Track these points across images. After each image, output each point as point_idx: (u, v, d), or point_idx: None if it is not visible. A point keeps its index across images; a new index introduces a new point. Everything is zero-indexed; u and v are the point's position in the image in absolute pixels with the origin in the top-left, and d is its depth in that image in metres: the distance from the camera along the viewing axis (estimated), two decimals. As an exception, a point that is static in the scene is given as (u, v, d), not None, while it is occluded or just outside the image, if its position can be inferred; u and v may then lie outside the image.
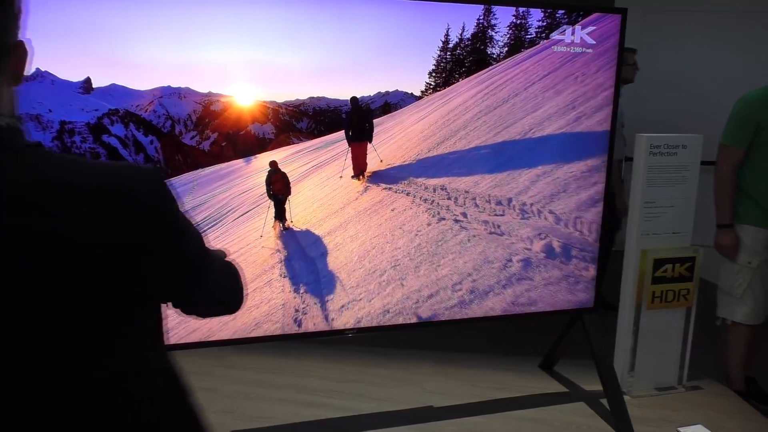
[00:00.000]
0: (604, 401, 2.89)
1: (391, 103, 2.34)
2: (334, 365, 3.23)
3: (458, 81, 2.37)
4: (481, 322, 2.60)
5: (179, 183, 2.24)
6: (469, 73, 2.37)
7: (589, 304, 2.79)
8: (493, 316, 2.61)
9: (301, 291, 2.38)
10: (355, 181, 2.43)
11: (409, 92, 2.36)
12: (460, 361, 3.31)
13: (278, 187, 2.34)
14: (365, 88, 2.32)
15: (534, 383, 3.07)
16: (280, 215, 2.36)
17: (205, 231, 2.29)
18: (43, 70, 2.00)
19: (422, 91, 2.35)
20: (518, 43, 2.39)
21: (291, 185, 2.36)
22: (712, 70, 5.86)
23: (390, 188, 2.45)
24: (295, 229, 2.37)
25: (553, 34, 2.47)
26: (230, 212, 2.35)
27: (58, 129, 2.08)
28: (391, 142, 2.45)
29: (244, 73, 2.20)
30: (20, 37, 1.04)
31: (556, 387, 3.04)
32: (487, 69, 2.40)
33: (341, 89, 2.30)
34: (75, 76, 2.05)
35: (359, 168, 2.43)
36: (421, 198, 2.48)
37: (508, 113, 2.48)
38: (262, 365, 3.20)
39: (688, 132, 2.85)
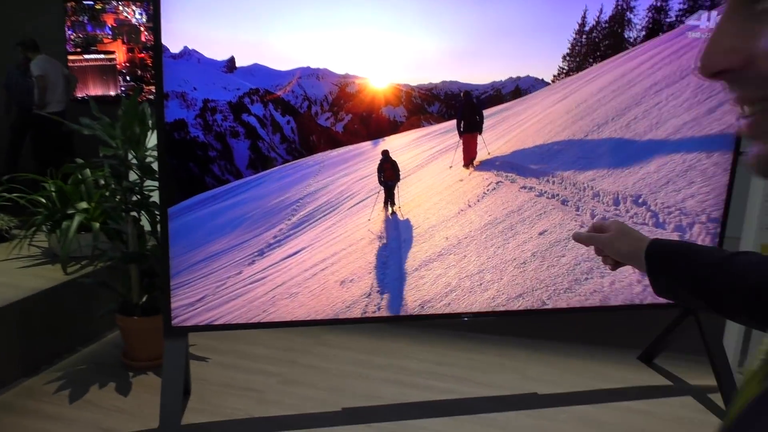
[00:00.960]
0: (713, 396, 2.85)
1: (521, 88, 2.31)
2: (430, 348, 3.25)
3: (591, 66, 2.32)
4: (577, 313, 2.58)
5: (306, 165, 2.27)
6: (603, 57, 2.32)
7: (704, 298, 2.73)
8: (609, 305, 2.58)
9: (409, 274, 2.39)
10: (465, 169, 2.43)
11: (540, 78, 2.32)
12: (557, 349, 3.29)
13: (389, 174, 2.35)
14: (497, 73, 2.29)
15: (636, 375, 3.03)
16: (390, 200, 2.38)
17: (321, 218, 2.33)
18: (190, 48, 2.04)
19: (554, 76, 2.31)
20: (656, 26, 2.33)
21: (411, 171, 2.37)
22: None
23: (503, 178, 2.43)
24: (400, 217, 2.38)
25: (688, 19, 2.39)
26: (348, 198, 2.37)
27: (201, 107, 2.11)
28: (512, 133, 2.43)
29: (381, 54, 2.20)
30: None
31: (659, 380, 3.00)
32: (621, 55, 2.35)
33: (474, 73, 2.28)
34: (220, 55, 2.08)
35: (469, 157, 2.42)
36: (540, 190, 2.45)
37: (635, 105, 2.42)
38: (359, 346, 3.24)
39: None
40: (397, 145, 2.33)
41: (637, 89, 2.40)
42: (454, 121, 2.34)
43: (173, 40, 2.01)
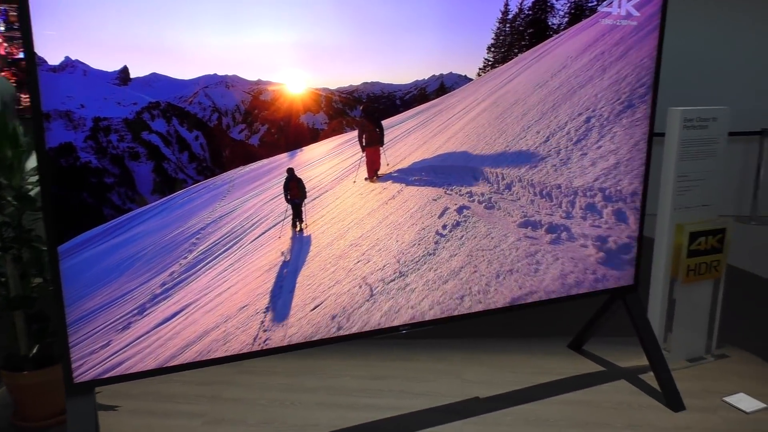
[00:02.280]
0: (643, 377, 2.91)
1: (446, 85, 2.19)
2: (362, 362, 3.09)
3: (517, 56, 2.24)
4: (513, 311, 2.54)
5: (213, 186, 2.02)
6: (529, 46, 2.25)
7: (630, 282, 2.78)
8: (537, 301, 2.54)
9: (330, 292, 2.22)
10: (369, 182, 2.29)
11: (463, 74, 2.21)
12: (489, 347, 3.24)
13: (294, 192, 2.17)
14: (418, 72, 2.15)
15: (569, 364, 3.04)
16: (298, 218, 2.19)
17: (220, 254, 2.09)
18: (73, 58, 1.73)
19: (480, 69, 2.21)
20: (578, 11, 2.28)
21: (329, 185, 2.20)
22: (735, 45, 5.89)
23: (405, 185, 2.31)
24: (305, 234, 2.21)
25: (600, 6, 2.38)
26: (254, 227, 2.15)
27: (91, 127, 1.81)
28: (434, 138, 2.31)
29: (295, 57, 1.99)
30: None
31: (592, 367, 3.03)
32: (540, 47, 2.29)
33: (396, 73, 2.13)
34: (110, 66, 1.78)
35: (373, 170, 2.29)
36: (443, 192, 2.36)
37: (552, 98, 2.38)
38: (287, 369, 3.02)
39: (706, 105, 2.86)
40: (317, 154, 2.13)
41: (555, 82, 2.36)
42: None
43: (50, 50, 1.69)
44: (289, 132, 2.04)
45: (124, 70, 1.79)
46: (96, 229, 1.87)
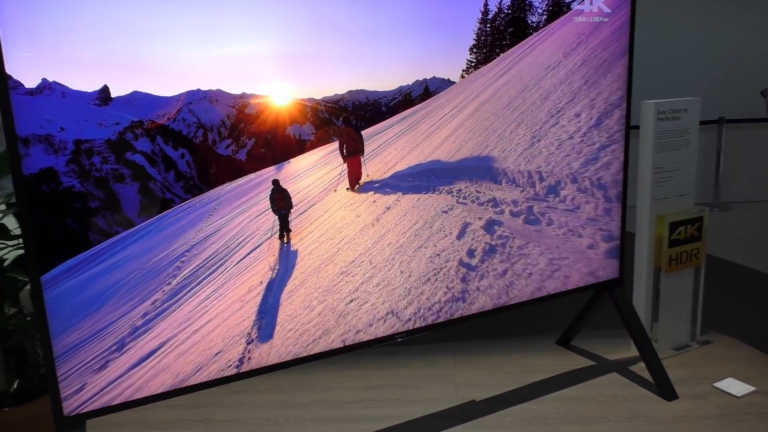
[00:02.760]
0: (633, 368, 2.95)
1: (431, 89, 2.19)
2: (354, 373, 3.05)
3: (499, 55, 2.25)
4: (503, 312, 2.55)
5: (200, 204, 1.97)
6: (510, 45, 2.26)
7: (615, 275, 2.81)
8: (525, 300, 2.55)
9: (317, 305, 2.19)
10: (358, 193, 2.28)
11: (446, 78, 2.21)
12: (479, 348, 3.24)
13: (281, 204, 2.14)
14: (402, 77, 2.14)
15: (560, 361, 3.06)
16: (284, 228, 2.16)
17: (203, 280, 2.03)
18: (51, 80, 1.66)
19: (464, 70, 2.21)
20: (556, 8, 2.31)
21: (316, 197, 2.17)
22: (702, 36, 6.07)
23: (402, 193, 2.30)
24: (292, 248, 2.17)
25: (574, 4, 2.41)
26: (239, 247, 2.09)
27: (73, 150, 1.74)
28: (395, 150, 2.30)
29: (278, 68, 1.95)
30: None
31: (581, 361, 3.05)
32: (523, 45, 2.30)
33: (380, 80, 2.11)
34: (90, 86, 1.72)
35: (355, 179, 2.27)
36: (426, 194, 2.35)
37: (536, 95, 2.40)
38: (277, 385, 2.96)
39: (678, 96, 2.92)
40: (304, 165, 2.10)
41: (536, 81, 2.38)
42: (364, 132, 2.16)
43: (26, 72, 1.62)
44: (276, 144, 2.00)
45: (105, 90, 1.73)
46: (80, 256, 1.80)
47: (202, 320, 1.97)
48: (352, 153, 2.22)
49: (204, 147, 1.91)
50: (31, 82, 1.64)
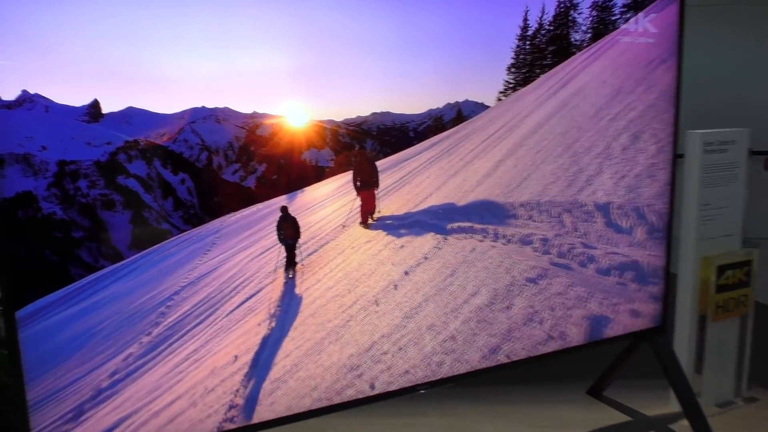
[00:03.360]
0: (674, 426, 2.66)
1: (464, 114, 1.95)
2: (367, 425, 2.77)
3: (539, 76, 2.02)
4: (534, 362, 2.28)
5: (199, 237, 1.72)
6: (552, 65, 2.03)
7: (658, 323, 2.55)
8: (559, 350, 2.29)
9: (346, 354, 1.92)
10: (367, 230, 2.03)
11: (480, 101, 1.98)
12: (500, 396, 2.95)
13: (288, 233, 1.89)
14: (433, 100, 1.91)
15: (592, 414, 2.78)
16: (290, 261, 1.91)
17: (186, 333, 1.75)
18: (32, 92, 1.43)
19: (501, 92, 1.98)
20: (601, 25, 2.08)
21: (332, 233, 1.92)
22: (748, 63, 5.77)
23: (420, 232, 2.04)
24: (300, 278, 1.91)
25: (619, 21, 2.19)
26: (234, 292, 1.82)
27: (55, 172, 1.50)
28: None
29: (295, 84, 1.72)
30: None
31: (616, 416, 2.76)
32: (565, 67, 2.08)
33: (408, 102, 1.88)
34: (78, 100, 1.49)
35: (367, 213, 2.02)
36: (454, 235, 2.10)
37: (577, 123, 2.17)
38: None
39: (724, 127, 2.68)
40: (319, 195, 1.86)
41: (580, 110, 2.15)
42: (389, 159, 1.92)
43: (4, 83, 1.40)
44: (291, 171, 1.76)
45: (95, 105, 1.50)
46: (59, 292, 1.55)
47: (172, 393, 1.68)
48: (367, 186, 1.98)
49: (208, 172, 1.67)
50: (9, 93, 1.41)
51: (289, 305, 1.83)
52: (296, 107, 1.73)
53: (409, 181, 1.94)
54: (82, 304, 1.59)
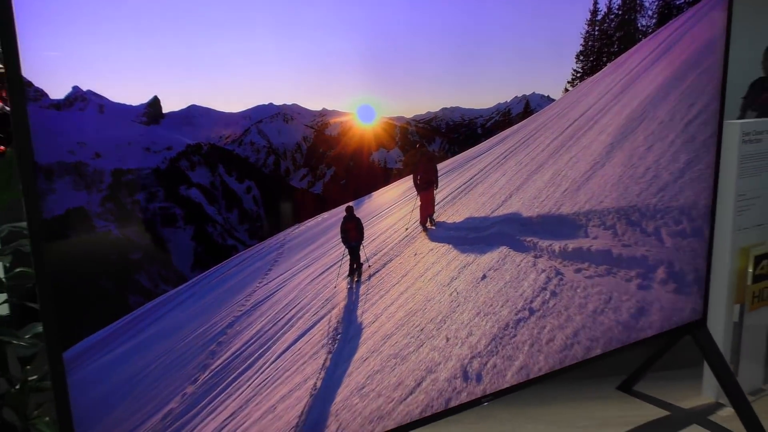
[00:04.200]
0: (713, 418, 2.63)
1: (532, 107, 1.82)
2: (399, 431, 2.63)
3: (606, 65, 1.90)
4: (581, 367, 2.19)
5: (260, 254, 1.52)
6: (618, 52, 1.92)
7: (698, 316, 2.50)
8: (607, 351, 2.20)
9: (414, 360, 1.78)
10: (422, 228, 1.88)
11: (546, 95, 1.85)
12: (532, 396, 2.85)
13: (353, 235, 1.72)
14: (503, 94, 1.77)
15: (628, 411, 2.72)
16: (355, 262, 1.75)
17: (232, 381, 1.55)
18: (85, 89, 1.21)
19: (569, 82, 1.85)
20: (668, 10, 1.98)
21: (400, 245, 1.76)
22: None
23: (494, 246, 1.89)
24: (365, 281, 1.75)
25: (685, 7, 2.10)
26: (289, 326, 1.60)
27: (110, 184, 1.29)
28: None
29: (365, 77, 1.55)
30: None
31: (653, 411, 2.71)
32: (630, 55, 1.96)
33: (474, 96, 1.73)
34: (135, 98, 1.28)
35: (426, 214, 1.88)
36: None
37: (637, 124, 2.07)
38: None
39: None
40: (386, 200, 1.69)
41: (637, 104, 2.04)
42: (460, 157, 1.77)
43: (52, 78, 1.17)
44: (360, 175, 1.59)
45: (155, 103, 1.29)
46: (112, 326, 1.34)
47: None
48: (426, 185, 1.83)
49: (276, 178, 1.48)
50: (58, 91, 1.19)
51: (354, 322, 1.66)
52: (366, 103, 1.55)
53: (482, 181, 1.79)
54: (135, 339, 1.38)
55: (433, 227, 1.85)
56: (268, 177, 1.47)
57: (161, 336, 1.41)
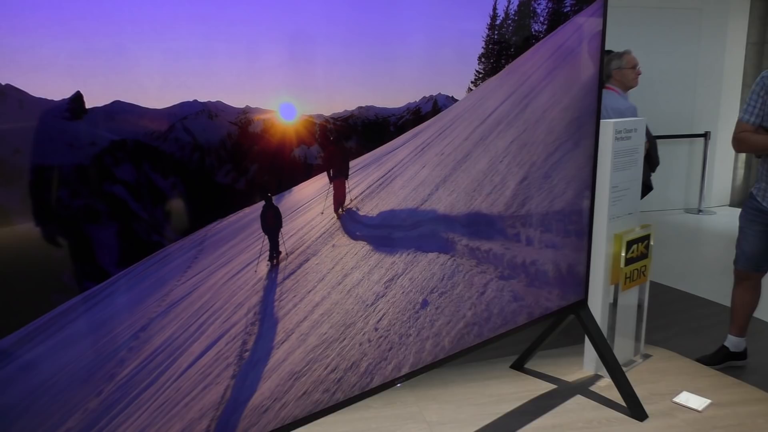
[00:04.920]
0: (593, 388, 2.94)
1: (440, 107, 1.95)
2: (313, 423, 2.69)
3: (504, 66, 2.07)
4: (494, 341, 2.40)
5: (180, 251, 1.51)
6: (516, 54, 2.09)
7: (581, 296, 2.78)
8: (500, 334, 2.41)
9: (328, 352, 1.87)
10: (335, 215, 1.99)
11: (450, 95, 1.99)
12: (433, 379, 3.03)
13: (270, 222, 1.79)
14: (410, 93, 1.88)
15: (522, 387, 2.96)
16: (273, 250, 1.81)
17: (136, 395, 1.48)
18: (3, 83, 1.18)
19: (472, 82, 2.00)
20: (556, 17, 2.18)
21: (323, 238, 1.82)
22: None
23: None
24: (283, 268, 1.82)
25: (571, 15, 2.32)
26: (197, 333, 1.57)
27: (30, 180, 1.25)
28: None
29: (286, 76, 1.60)
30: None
31: (543, 386, 2.97)
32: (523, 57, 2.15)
33: (387, 95, 1.83)
34: (57, 93, 1.25)
35: (339, 203, 1.99)
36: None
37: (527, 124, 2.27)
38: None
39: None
40: (306, 195, 1.75)
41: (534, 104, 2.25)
42: (377, 151, 1.86)
43: (-32, 72, 1.13)
44: (283, 170, 1.64)
45: (77, 99, 1.27)
46: (28, 326, 1.30)
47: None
48: (337, 175, 1.91)
49: (200, 174, 1.50)
50: (-25, 85, 1.15)
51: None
52: (287, 101, 1.60)
53: (401, 174, 1.89)
54: (47, 342, 1.35)
55: (343, 213, 1.92)
56: (193, 173, 1.48)
57: (74, 339, 1.38)
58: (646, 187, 4.05)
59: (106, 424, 1.41)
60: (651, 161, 4.06)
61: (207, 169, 1.50)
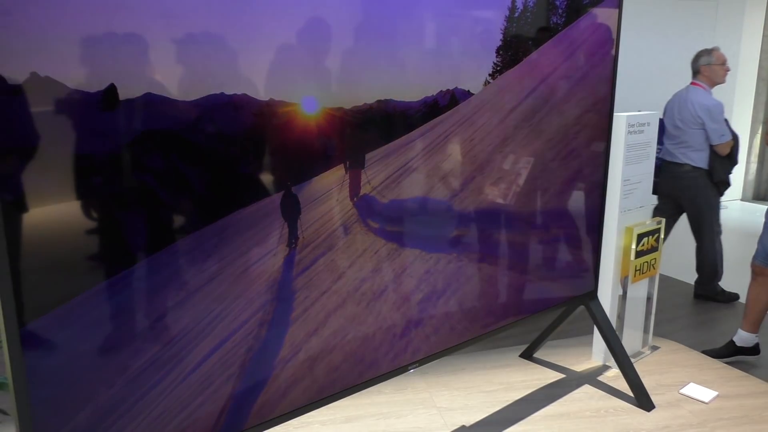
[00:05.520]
0: (602, 378, 2.99)
1: (459, 100, 1.99)
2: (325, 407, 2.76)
3: (522, 59, 2.11)
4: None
5: (198, 241, 1.54)
6: (535, 45, 2.13)
7: (591, 287, 2.82)
8: (512, 321, 2.46)
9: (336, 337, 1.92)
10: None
11: (466, 89, 2.03)
12: (446, 366, 3.09)
13: (290, 210, 1.84)
14: (427, 87, 1.93)
15: (531, 376, 3.02)
16: (293, 236, 1.86)
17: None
18: (42, 75, 1.23)
19: (489, 75, 2.04)
20: (573, 9, 2.21)
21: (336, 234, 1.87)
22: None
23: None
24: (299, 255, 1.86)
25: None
26: (205, 334, 1.62)
27: (68, 168, 1.31)
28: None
29: (310, 69, 1.65)
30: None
31: (551, 375, 3.03)
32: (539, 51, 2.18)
33: (405, 89, 1.87)
34: (91, 83, 1.30)
35: (355, 192, 2.03)
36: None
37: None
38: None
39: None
40: (324, 185, 1.80)
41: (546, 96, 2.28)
42: (393, 144, 1.91)
43: (7, 63, 1.18)
44: (303, 161, 1.69)
45: (111, 90, 1.32)
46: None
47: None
48: (355, 166, 1.96)
49: (225, 164, 1.55)
50: (15, 75, 1.20)
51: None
52: (308, 94, 1.65)
53: (416, 165, 1.94)
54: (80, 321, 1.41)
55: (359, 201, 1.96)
56: (220, 162, 1.54)
57: (103, 322, 1.44)
58: (725, 184, 4.14)
59: (132, 405, 1.47)
60: (732, 159, 4.13)
61: (232, 160, 1.56)
